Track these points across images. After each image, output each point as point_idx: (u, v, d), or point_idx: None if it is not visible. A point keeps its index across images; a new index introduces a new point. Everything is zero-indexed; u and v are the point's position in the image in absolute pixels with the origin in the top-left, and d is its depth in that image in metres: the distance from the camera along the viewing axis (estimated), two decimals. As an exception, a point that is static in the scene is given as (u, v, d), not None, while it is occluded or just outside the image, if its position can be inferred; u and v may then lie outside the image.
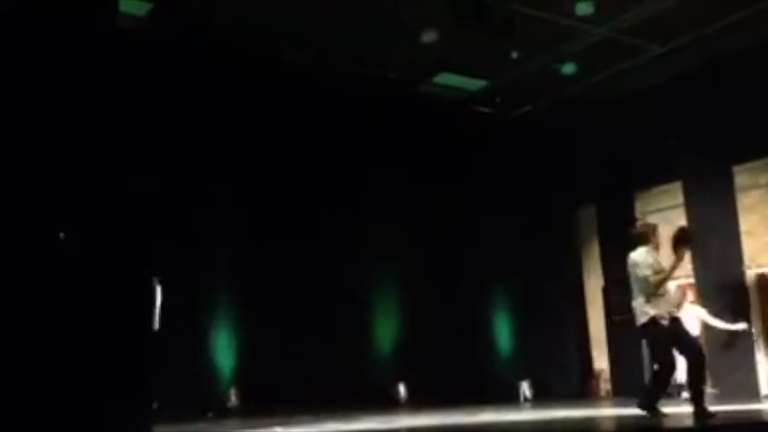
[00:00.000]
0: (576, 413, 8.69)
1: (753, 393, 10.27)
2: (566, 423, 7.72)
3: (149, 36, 9.72)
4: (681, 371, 8.11)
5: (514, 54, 10.72)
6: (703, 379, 6.73)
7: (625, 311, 11.18)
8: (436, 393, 11.03)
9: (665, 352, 6.71)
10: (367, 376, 11.27)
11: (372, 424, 7.71)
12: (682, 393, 9.38)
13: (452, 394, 10.87)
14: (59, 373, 3.50)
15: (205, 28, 10.03)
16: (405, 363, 11.79)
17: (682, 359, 7.05)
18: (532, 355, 12.92)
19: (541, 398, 12.25)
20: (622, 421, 7.66)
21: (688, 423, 6.20)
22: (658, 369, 6.82)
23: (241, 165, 10.96)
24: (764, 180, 11.04)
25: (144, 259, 3.94)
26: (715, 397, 9.87)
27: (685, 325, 7.26)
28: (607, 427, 7.44)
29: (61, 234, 3.62)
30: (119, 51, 4.13)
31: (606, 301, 12.64)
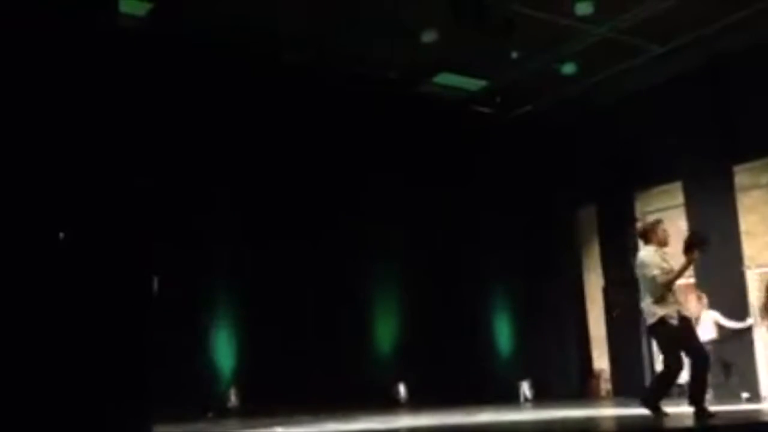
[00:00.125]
0: (576, 413, 8.69)
1: (753, 393, 10.27)
2: (566, 423, 7.72)
3: (149, 36, 9.72)
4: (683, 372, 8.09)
5: (514, 54, 10.72)
6: (705, 381, 6.70)
7: (624, 308, 11.21)
8: (436, 393, 11.03)
9: (675, 353, 6.66)
10: (367, 376, 11.27)
11: (372, 424, 7.72)
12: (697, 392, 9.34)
13: (452, 394, 10.87)
14: (59, 373, 3.50)
15: (205, 28, 10.03)
16: (405, 363, 11.79)
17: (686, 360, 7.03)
18: (532, 355, 12.92)
19: (541, 398, 12.24)
20: (623, 421, 7.66)
21: (688, 423, 6.20)
22: (665, 369, 6.80)
23: (241, 165, 10.97)
24: (764, 180, 11.05)
25: (144, 259, 3.94)
26: (746, 400, 9.88)
27: (696, 328, 7.23)
28: (607, 427, 7.43)
29: (61, 234, 3.62)
30: (119, 51, 4.13)
31: (606, 301, 12.65)
